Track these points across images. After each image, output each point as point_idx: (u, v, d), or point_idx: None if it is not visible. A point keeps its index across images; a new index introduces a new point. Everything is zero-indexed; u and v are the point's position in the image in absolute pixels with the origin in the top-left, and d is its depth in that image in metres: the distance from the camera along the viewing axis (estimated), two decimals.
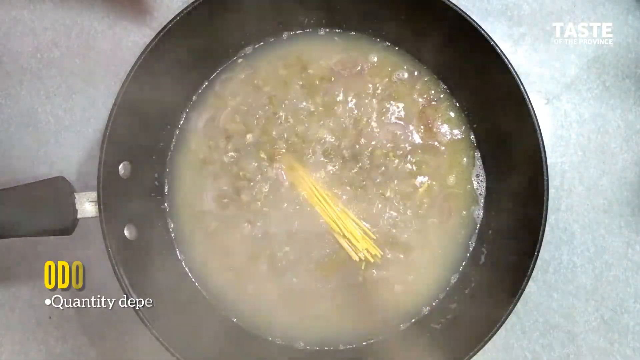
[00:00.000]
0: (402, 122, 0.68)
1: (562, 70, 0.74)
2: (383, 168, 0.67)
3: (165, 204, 0.68)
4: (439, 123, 0.69)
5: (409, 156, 0.68)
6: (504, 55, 0.59)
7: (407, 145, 0.68)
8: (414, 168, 0.67)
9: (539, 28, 0.74)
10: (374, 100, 0.69)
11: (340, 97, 0.69)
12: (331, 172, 0.67)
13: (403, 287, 0.66)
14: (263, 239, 0.66)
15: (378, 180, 0.67)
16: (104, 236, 0.56)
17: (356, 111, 0.68)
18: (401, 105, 0.69)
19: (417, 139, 0.68)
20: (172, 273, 0.66)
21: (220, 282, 0.66)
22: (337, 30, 0.70)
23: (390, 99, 0.69)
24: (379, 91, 0.69)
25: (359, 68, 0.70)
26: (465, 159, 0.68)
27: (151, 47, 0.58)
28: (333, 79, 0.69)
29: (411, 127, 0.68)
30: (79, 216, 0.56)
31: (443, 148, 0.68)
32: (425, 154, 0.68)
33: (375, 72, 0.69)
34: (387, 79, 0.69)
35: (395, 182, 0.67)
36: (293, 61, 0.70)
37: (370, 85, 0.69)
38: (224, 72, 0.70)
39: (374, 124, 0.68)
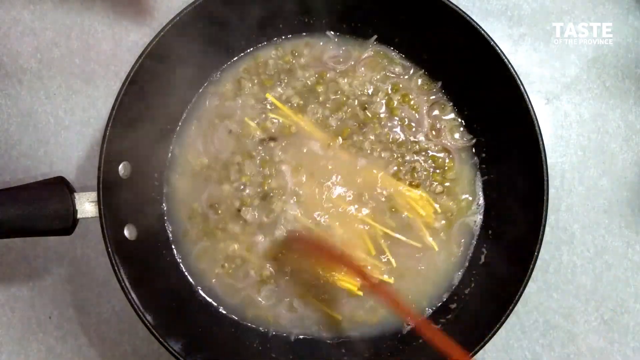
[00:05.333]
0: (404, 123, 0.68)
1: (562, 70, 0.74)
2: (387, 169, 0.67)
3: (165, 204, 0.68)
4: (441, 124, 0.69)
5: (409, 157, 0.68)
6: (504, 55, 0.59)
7: (408, 145, 0.68)
8: (415, 168, 0.67)
9: (539, 28, 0.74)
10: (375, 100, 0.69)
11: (342, 96, 0.69)
12: (332, 170, 0.67)
13: (403, 287, 0.66)
14: (263, 239, 0.66)
15: (381, 180, 0.67)
16: (104, 236, 0.56)
17: (358, 111, 0.68)
18: (404, 105, 0.69)
19: (418, 139, 0.68)
20: (171, 272, 0.66)
21: (219, 282, 0.66)
22: (337, 31, 0.70)
23: (392, 100, 0.69)
24: (379, 90, 0.69)
25: (362, 68, 0.70)
26: (465, 160, 0.68)
27: (151, 47, 0.58)
28: (335, 77, 0.69)
29: (414, 128, 0.68)
30: (79, 216, 0.56)
31: (444, 148, 0.68)
32: (426, 154, 0.68)
33: (371, 66, 0.69)
34: (389, 79, 0.69)
35: (398, 181, 0.67)
36: (292, 60, 0.70)
37: (372, 85, 0.69)
38: (223, 72, 0.70)
39: (375, 125, 0.68)
